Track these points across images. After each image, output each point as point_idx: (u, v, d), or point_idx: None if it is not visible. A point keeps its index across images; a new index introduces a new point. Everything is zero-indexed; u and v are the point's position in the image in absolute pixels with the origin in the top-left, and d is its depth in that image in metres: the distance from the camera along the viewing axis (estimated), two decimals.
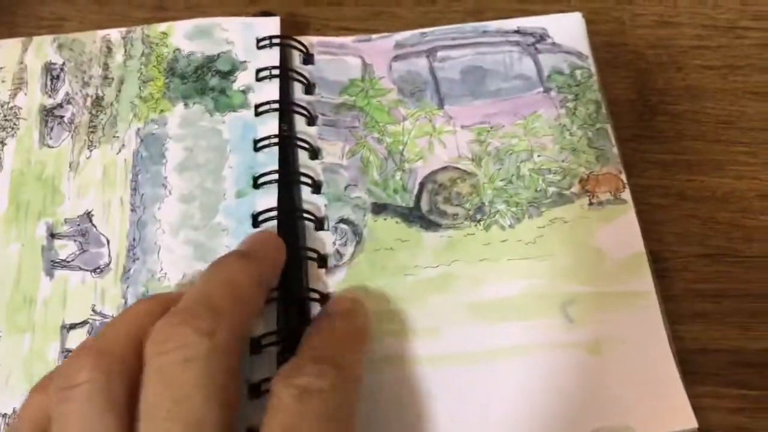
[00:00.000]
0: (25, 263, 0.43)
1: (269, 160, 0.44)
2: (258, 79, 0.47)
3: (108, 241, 0.43)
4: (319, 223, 0.44)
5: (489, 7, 0.53)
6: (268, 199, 0.43)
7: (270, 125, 0.45)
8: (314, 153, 0.46)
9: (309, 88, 0.48)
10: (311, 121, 0.47)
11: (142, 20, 0.51)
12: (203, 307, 0.33)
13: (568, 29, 0.50)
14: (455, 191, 0.46)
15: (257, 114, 0.46)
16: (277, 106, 0.46)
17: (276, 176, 0.44)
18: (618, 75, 0.51)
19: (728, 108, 0.49)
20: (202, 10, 0.52)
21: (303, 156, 0.46)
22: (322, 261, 0.43)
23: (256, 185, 0.44)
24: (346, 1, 0.53)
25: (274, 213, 0.43)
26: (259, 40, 0.48)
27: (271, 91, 0.46)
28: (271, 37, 0.48)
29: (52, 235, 0.44)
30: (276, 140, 0.45)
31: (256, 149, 0.45)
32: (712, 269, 0.45)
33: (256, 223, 0.43)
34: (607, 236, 0.44)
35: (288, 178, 0.44)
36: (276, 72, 0.47)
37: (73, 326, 0.41)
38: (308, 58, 0.49)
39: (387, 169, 0.46)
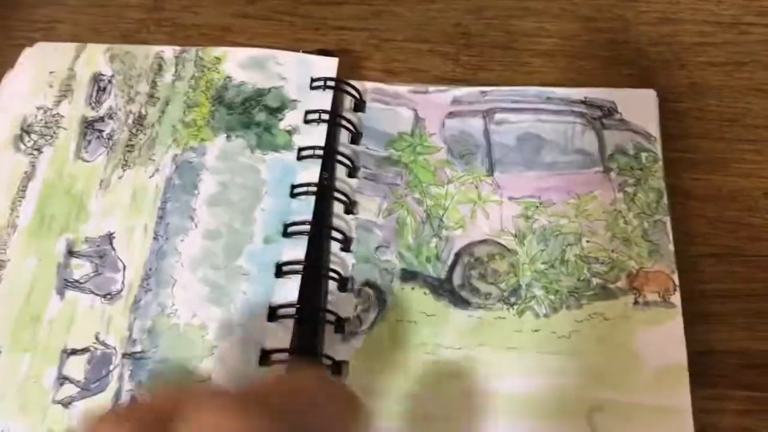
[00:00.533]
0: (39, 279, 0.41)
1: (304, 209, 0.42)
2: (306, 121, 0.45)
3: (124, 267, 0.42)
4: (343, 283, 0.42)
5: (489, 5, 0.51)
6: (296, 250, 0.41)
7: (311, 172, 0.43)
8: (350, 207, 0.44)
9: (356, 137, 0.46)
10: (353, 172, 0.45)
11: (137, 20, 0.50)
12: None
13: (638, 106, 0.47)
14: (492, 268, 0.43)
15: (299, 158, 0.44)
16: (321, 152, 0.44)
17: (308, 227, 0.42)
18: (621, 73, 0.49)
19: (733, 105, 0.48)
20: (198, 10, 0.51)
21: (338, 208, 0.44)
22: (340, 325, 0.41)
23: (286, 233, 0.42)
24: (346, 0, 0.52)
25: (300, 267, 0.41)
26: (313, 80, 0.46)
27: (317, 135, 0.44)
28: (326, 79, 0.46)
29: (71, 253, 0.42)
30: (314, 189, 0.43)
31: (293, 195, 0.43)
32: (718, 269, 0.43)
33: (279, 272, 0.41)
34: (649, 341, 0.40)
35: (319, 231, 0.42)
36: (326, 117, 0.45)
37: (74, 352, 0.40)
38: (359, 105, 0.47)
39: (423, 234, 0.43)
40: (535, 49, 0.50)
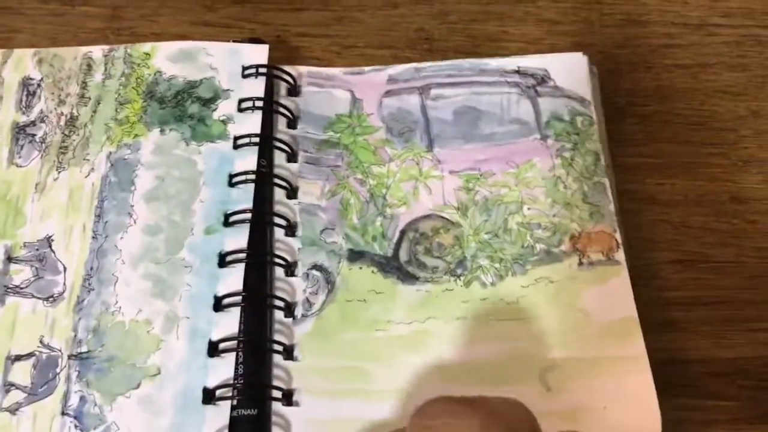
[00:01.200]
0: None
1: (244, 197, 0.42)
2: (240, 110, 0.45)
3: (65, 269, 0.41)
4: (290, 268, 0.42)
5: (453, 10, 0.51)
6: (238, 239, 0.41)
7: (248, 160, 0.43)
8: (292, 192, 0.44)
9: (292, 122, 0.46)
10: (292, 157, 0.45)
11: (96, 30, 0.49)
12: None
13: (571, 71, 0.47)
14: (437, 242, 0.43)
15: (236, 147, 0.44)
16: (257, 140, 0.44)
17: (249, 215, 0.42)
18: None
19: (699, 108, 0.48)
20: (157, 19, 0.50)
21: (280, 194, 0.43)
22: (289, 310, 0.40)
23: (227, 223, 0.42)
24: (308, 6, 0.51)
25: (243, 255, 0.41)
26: (244, 68, 0.46)
27: (252, 123, 0.44)
28: (257, 66, 0.46)
29: (9, 259, 0.41)
30: (253, 176, 0.43)
31: (231, 184, 0.43)
32: (683, 276, 0.43)
33: (222, 262, 0.41)
34: (596, 299, 0.41)
35: (262, 218, 0.42)
36: (259, 104, 0.45)
37: (18, 358, 0.39)
38: (294, 89, 0.47)
39: (367, 214, 0.43)
40: (498, 54, 0.49)
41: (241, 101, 0.45)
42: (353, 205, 0.44)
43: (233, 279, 0.40)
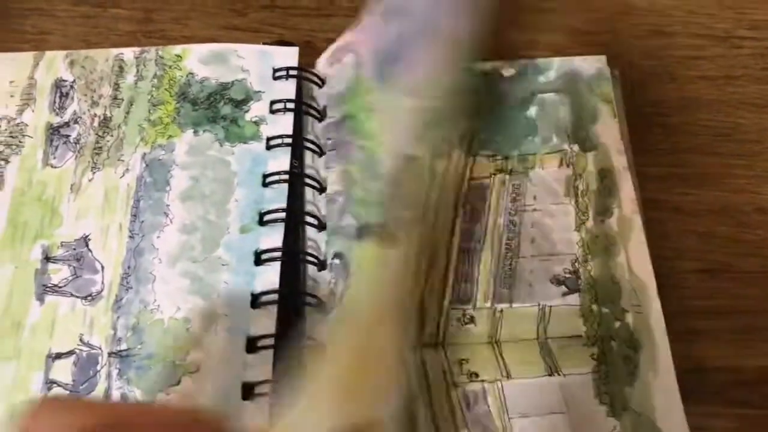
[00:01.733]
0: (17, 287, 0.41)
1: (277, 197, 0.43)
2: (272, 111, 0.45)
3: (102, 268, 0.42)
4: (321, 264, 0.42)
5: None
6: (273, 237, 0.42)
7: (281, 160, 0.44)
8: (322, 188, 0.44)
9: (322, 117, 0.46)
10: (321, 152, 0.45)
11: (127, 33, 0.50)
12: None
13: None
14: (399, 188, 0.40)
15: (269, 147, 0.44)
16: (290, 141, 0.44)
17: (283, 215, 0.42)
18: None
19: (724, 120, 0.48)
20: (187, 22, 0.51)
21: (311, 192, 0.44)
22: (323, 305, 0.41)
23: (262, 222, 0.42)
24: (336, 12, 0.52)
25: (278, 253, 0.41)
26: (275, 70, 0.47)
27: (284, 124, 0.45)
28: (288, 68, 0.46)
29: (47, 258, 0.42)
30: (286, 177, 0.43)
31: (265, 184, 0.43)
32: (709, 285, 0.43)
33: (258, 260, 0.41)
34: None
35: (296, 218, 0.43)
36: (291, 105, 0.45)
37: (59, 356, 0.40)
38: (323, 84, 0.47)
39: (367, 181, 0.43)
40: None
41: (272, 103, 0.46)
42: (357, 177, 0.43)
43: (269, 276, 0.41)
